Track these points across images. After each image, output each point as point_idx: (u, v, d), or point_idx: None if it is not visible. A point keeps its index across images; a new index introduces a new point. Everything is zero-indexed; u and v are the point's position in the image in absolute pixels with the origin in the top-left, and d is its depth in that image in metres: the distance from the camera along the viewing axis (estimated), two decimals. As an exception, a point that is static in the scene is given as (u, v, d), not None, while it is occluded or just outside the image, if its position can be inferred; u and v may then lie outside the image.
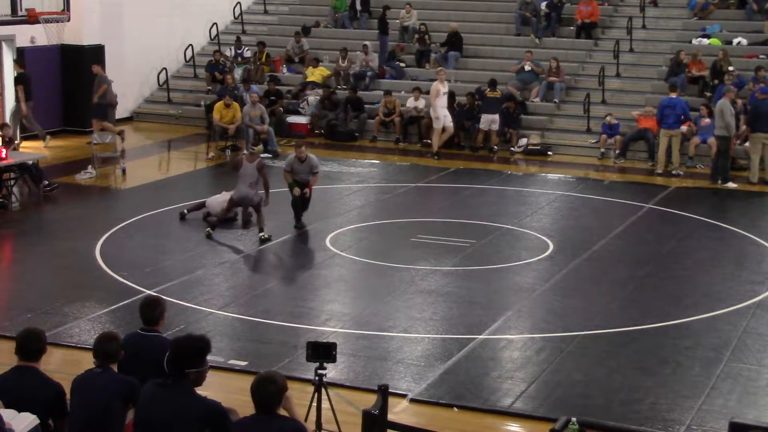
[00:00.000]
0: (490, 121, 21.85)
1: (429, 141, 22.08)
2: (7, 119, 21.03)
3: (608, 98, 23.05)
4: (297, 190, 15.33)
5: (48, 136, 21.68)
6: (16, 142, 19.19)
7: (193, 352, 6.29)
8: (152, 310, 7.26)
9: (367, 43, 25.14)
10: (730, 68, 21.78)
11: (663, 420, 9.14)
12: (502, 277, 13.57)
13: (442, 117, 21.37)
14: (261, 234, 14.72)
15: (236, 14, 28.66)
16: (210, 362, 6.42)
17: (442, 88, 21.36)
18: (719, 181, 19.10)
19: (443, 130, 21.50)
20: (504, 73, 23.97)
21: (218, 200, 15.76)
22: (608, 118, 21.45)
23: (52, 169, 18.87)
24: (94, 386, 6.58)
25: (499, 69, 24.23)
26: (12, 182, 17.08)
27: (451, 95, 22.55)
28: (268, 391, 5.92)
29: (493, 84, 22.20)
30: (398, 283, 13.09)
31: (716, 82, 21.88)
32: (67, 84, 23.27)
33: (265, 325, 11.42)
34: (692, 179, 19.57)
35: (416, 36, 25.30)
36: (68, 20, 20.71)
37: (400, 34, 25.88)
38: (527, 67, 23.56)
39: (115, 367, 6.74)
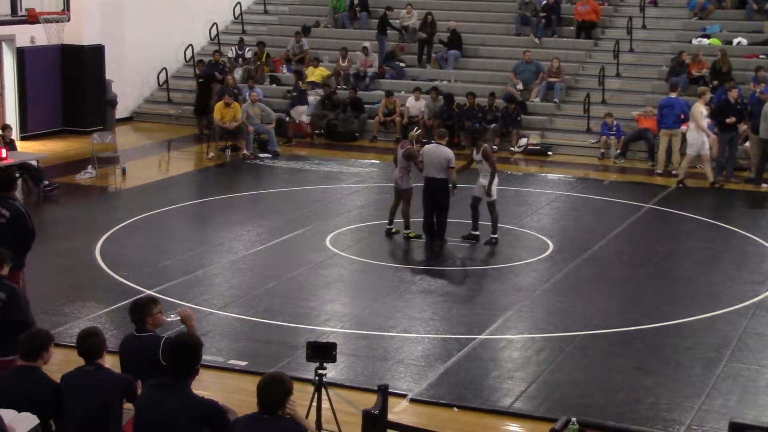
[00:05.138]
0: None
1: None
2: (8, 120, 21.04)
3: (608, 98, 23.04)
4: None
5: None
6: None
7: (195, 351, 6.33)
8: (133, 312, 7.30)
9: (366, 44, 25.12)
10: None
11: (663, 420, 9.14)
12: (502, 277, 13.56)
13: (701, 143, 18.62)
14: (405, 231, 14.79)
15: (236, 14, 28.65)
16: (210, 362, 6.43)
17: (705, 110, 18.87)
18: (762, 185, 18.87)
19: (694, 156, 18.88)
20: (504, 73, 23.98)
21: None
22: (609, 119, 21.42)
23: (52, 169, 18.87)
24: (90, 385, 6.58)
25: (499, 69, 24.23)
26: (12, 182, 17.06)
27: (450, 96, 22.54)
28: (276, 391, 5.90)
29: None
30: (398, 283, 13.09)
31: (716, 82, 21.86)
32: (67, 84, 23.25)
33: (265, 325, 11.41)
34: (692, 179, 19.55)
35: (425, 31, 25.14)
36: (68, 20, 20.66)
37: (400, 34, 25.86)
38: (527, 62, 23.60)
39: (106, 364, 6.75)
